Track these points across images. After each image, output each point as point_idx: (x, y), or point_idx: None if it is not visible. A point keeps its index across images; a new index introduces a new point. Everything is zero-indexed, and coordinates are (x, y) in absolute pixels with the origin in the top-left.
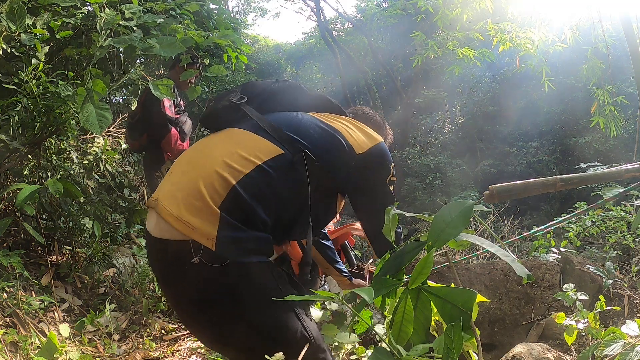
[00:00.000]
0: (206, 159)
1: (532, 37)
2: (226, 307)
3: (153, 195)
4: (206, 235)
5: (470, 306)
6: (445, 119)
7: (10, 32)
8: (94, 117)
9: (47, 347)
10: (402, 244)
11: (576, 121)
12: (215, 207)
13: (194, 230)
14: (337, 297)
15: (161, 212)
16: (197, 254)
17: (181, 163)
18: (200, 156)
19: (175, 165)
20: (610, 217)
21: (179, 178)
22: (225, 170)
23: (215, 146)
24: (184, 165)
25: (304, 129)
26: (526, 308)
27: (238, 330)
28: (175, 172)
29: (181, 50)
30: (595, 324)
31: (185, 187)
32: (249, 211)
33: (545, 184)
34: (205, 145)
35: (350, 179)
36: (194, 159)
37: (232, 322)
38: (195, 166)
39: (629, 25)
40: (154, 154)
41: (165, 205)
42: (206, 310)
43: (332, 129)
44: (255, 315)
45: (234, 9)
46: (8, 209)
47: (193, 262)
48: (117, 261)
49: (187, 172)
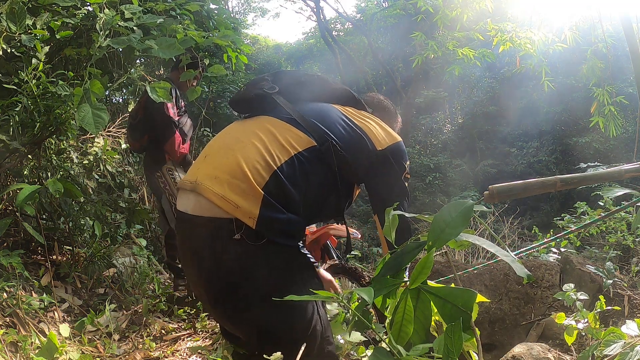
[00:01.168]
0: (246, 144)
1: (532, 37)
2: (255, 283)
3: (189, 177)
4: (248, 214)
5: (471, 306)
6: (445, 119)
7: (10, 32)
8: (90, 117)
9: (47, 347)
10: (404, 243)
11: (576, 121)
12: (259, 188)
13: (237, 208)
14: (337, 297)
15: (204, 191)
16: (239, 231)
17: (218, 147)
18: (238, 141)
19: (212, 149)
20: (610, 217)
21: (219, 161)
22: (266, 154)
23: (252, 133)
24: (222, 149)
25: (331, 121)
26: (526, 308)
27: (261, 306)
28: (213, 155)
29: (180, 51)
30: (595, 324)
31: (229, 169)
32: (288, 195)
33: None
34: (241, 131)
35: (369, 172)
36: (231, 143)
37: (258, 298)
38: (235, 150)
39: (629, 25)
40: (154, 155)
41: (209, 185)
42: (237, 285)
43: (355, 125)
44: (279, 295)
45: (234, 9)
46: (8, 209)
47: (235, 238)
48: (117, 261)
49: (228, 155)
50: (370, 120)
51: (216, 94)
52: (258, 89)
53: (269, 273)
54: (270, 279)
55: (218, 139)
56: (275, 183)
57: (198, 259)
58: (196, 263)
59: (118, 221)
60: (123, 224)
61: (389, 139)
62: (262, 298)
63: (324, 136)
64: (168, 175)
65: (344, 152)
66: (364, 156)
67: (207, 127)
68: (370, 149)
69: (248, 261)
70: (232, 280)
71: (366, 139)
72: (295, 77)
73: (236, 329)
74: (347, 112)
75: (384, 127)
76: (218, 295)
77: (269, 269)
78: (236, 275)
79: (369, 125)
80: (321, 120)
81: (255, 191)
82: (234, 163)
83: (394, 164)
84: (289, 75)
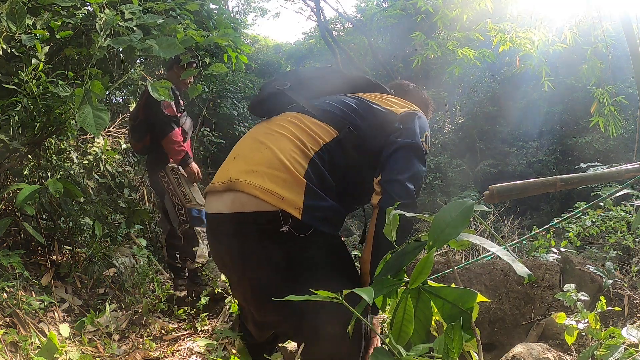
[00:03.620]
0: (277, 137)
1: (532, 37)
2: (306, 274)
3: (220, 178)
4: (294, 204)
5: (471, 306)
6: (445, 119)
7: (10, 32)
8: (91, 118)
9: (47, 347)
10: (403, 244)
11: (576, 121)
12: (301, 176)
13: (282, 199)
14: (338, 297)
15: (243, 187)
16: (287, 223)
17: (247, 145)
18: (268, 135)
19: (241, 148)
20: (610, 217)
21: (253, 156)
22: (299, 144)
23: (280, 126)
24: (252, 145)
25: (345, 107)
26: (526, 308)
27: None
28: (245, 153)
29: (180, 51)
30: (595, 324)
31: (266, 161)
32: (326, 182)
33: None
34: (268, 128)
35: (387, 143)
36: (261, 138)
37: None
38: (267, 143)
39: (629, 25)
40: (157, 155)
41: (248, 180)
42: (289, 278)
43: (371, 102)
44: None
45: (234, 9)
46: (8, 209)
47: (282, 230)
48: (117, 261)
49: (261, 149)
50: (388, 98)
51: (216, 94)
52: (270, 88)
53: (318, 264)
54: (321, 270)
55: (245, 139)
56: (315, 171)
57: (243, 257)
58: (241, 261)
59: (118, 221)
60: (123, 224)
61: (405, 108)
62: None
63: (341, 122)
64: (171, 175)
65: (363, 132)
66: (382, 127)
67: (207, 127)
68: (389, 119)
69: (298, 253)
70: (283, 274)
71: (383, 110)
72: (306, 72)
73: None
74: (363, 96)
75: (401, 102)
76: (268, 291)
77: (319, 260)
78: (287, 268)
79: (386, 101)
80: (336, 108)
81: (298, 180)
82: (270, 155)
83: (412, 132)
84: (302, 72)
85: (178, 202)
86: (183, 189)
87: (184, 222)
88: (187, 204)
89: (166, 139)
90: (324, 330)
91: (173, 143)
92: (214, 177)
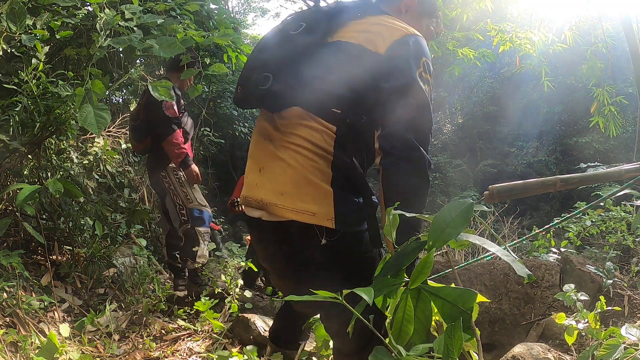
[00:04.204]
0: (295, 151)
1: (532, 38)
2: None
3: (252, 194)
4: (326, 216)
5: (471, 306)
6: (445, 119)
7: (10, 32)
8: (92, 117)
9: (47, 347)
10: (404, 244)
11: (576, 121)
12: (328, 186)
13: (314, 216)
14: (338, 297)
15: (275, 211)
16: (322, 236)
17: (268, 157)
18: (286, 150)
19: (261, 160)
20: (610, 217)
21: (277, 175)
22: (319, 150)
23: (292, 136)
24: (274, 164)
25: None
26: (526, 308)
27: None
28: (269, 168)
29: (181, 50)
30: (595, 324)
31: (292, 181)
32: (352, 173)
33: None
34: (281, 139)
35: (379, 89)
36: (280, 154)
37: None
38: (288, 162)
39: (629, 25)
40: (158, 155)
41: (280, 204)
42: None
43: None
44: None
45: (234, 9)
46: (8, 209)
47: (323, 244)
48: (117, 261)
49: (285, 169)
50: (373, 25)
51: (216, 94)
52: (252, 88)
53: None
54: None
55: (262, 146)
56: (339, 173)
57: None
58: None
59: (118, 221)
60: (123, 224)
61: (396, 34)
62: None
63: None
64: (173, 175)
65: (359, 96)
66: (372, 76)
67: (207, 127)
68: (373, 61)
69: (332, 255)
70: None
71: (365, 53)
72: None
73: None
74: (344, 35)
75: (391, 25)
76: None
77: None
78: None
79: (367, 35)
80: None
81: (325, 192)
82: (294, 174)
83: (404, 62)
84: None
85: (179, 202)
86: (185, 189)
87: (185, 222)
88: (189, 204)
89: (166, 141)
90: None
91: (173, 145)
92: (244, 187)
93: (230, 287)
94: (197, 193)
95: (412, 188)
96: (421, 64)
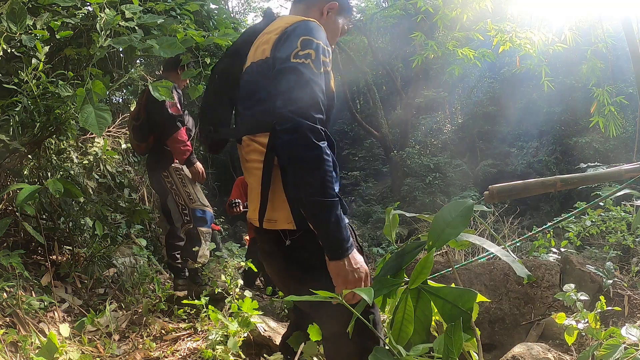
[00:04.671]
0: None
1: (532, 38)
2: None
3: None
4: (286, 220)
5: (471, 306)
6: (445, 119)
7: (10, 32)
8: (94, 118)
9: (47, 347)
10: (403, 244)
11: (576, 121)
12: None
13: (276, 222)
14: (338, 297)
15: (255, 223)
16: (287, 237)
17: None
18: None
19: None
20: (610, 217)
21: (251, 195)
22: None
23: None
24: (248, 184)
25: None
26: (526, 308)
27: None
28: (248, 191)
29: (181, 50)
30: (595, 324)
31: (251, 195)
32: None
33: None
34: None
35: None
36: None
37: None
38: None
39: (629, 25)
40: (160, 155)
41: (256, 219)
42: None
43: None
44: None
45: (234, 9)
46: (8, 209)
47: (287, 244)
48: (117, 261)
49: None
50: (266, 34)
51: None
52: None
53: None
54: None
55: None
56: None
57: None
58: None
59: (118, 221)
60: (123, 224)
61: (275, 31)
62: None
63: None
64: (175, 174)
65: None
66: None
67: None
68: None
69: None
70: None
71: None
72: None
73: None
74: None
75: (275, 24)
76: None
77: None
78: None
79: (262, 44)
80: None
81: (280, 197)
82: (256, 191)
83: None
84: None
85: (182, 202)
86: (187, 189)
87: (188, 222)
88: (191, 204)
89: (171, 139)
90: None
91: (178, 142)
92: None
93: (230, 287)
94: (200, 193)
95: (298, 157)
96: (298, 44)
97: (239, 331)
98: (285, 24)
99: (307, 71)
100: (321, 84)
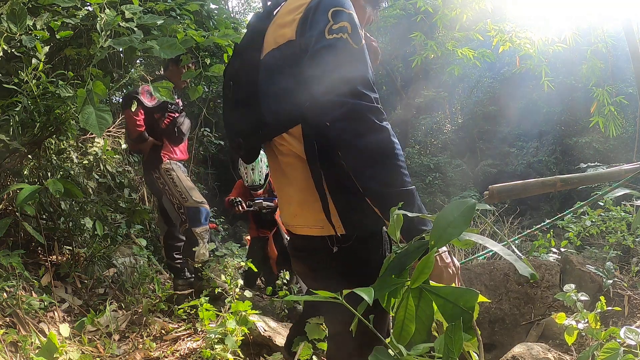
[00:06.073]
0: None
1: (532, 38)
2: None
3: (283, 217)
4: (335, 224)
5: (472, 306)
6: (445, 119)
7: (10, 33)
8: (94, 118)
9: (47, 347)
10: (407, 244)
11: (576, 121)
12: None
13: (323, 228)
14: (338, 297)
15: (296, 231)
16: (334, 244)
17: (277, 184)
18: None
19: (277, 187)
20: (610, 217)
21: (284, 196)
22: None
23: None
24: (277, 180)
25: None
26: (526, 308)
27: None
28: (278, 191)
29: (181, 51)
30: (595, 324)
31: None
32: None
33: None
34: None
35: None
36: (279, 183)
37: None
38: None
39: (629, 26)
40: (151, 155)
41: (295, 224)
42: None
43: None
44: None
45: (234, 9)
46: (8, 209)
47: (335, 251)
48: (117, 261)
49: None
50: (285, 14)
51: (216, 94)
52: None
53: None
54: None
55: (273, 173)
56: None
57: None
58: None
59: (118, 221)
60: (123, 224)
61: (297, 11)
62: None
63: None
64: (166, 175)
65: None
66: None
67: (207, 127)
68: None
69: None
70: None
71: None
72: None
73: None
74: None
75: (291, 3)
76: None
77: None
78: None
79: (281, 29)
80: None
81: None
82: (292, 191)
83: (311, 29)
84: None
85: (176, 201)
86: (179, 189)
87: (185, 221)
88: (185, 203)
89: (126, 113)
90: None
91: (130, 118)
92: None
93: (230, 287)
94: (193, 191)
95: (361, 146)
96: (329, 16)
97: (237, 329)
98: (301, 5)
99: (347, 46)
100: (366, 58)
